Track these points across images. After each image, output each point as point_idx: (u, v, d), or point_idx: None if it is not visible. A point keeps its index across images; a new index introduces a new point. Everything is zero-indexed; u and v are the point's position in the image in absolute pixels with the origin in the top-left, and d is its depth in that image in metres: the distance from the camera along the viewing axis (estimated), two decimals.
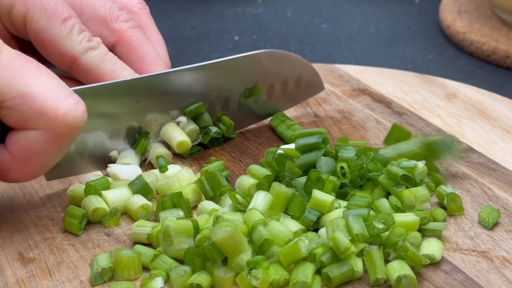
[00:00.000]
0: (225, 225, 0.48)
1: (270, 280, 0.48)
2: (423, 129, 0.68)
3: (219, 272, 0.49)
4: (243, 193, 0.56)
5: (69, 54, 0.59)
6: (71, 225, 0.54)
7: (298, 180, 0.56)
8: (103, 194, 0.56)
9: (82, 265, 0.51)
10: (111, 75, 0.60)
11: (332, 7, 1.08)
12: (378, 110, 0.72)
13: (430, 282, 0.50)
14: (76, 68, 0.59)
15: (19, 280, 0.50)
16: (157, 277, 0.49)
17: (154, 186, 0.58)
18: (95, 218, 0.55)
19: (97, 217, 0.55)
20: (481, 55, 0.89)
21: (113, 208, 0.55)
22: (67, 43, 0.58)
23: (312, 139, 0.58)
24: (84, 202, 0.56)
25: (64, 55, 0.59)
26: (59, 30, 0.58)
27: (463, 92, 0.75)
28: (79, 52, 0.59)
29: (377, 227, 0.50)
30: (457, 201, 0.56)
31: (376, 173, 0.56)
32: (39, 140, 0.49)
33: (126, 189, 0.57)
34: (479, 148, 0.65)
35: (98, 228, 0.55)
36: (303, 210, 0.53)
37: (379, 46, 0.95)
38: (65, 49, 0.58)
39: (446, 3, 1.00)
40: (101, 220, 0.55)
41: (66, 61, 0.59)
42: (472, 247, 0.53)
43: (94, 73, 0.60)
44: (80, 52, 0.59)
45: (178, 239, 0.50)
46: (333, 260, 0.49)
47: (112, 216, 0.55)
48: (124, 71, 0.60)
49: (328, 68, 0.80)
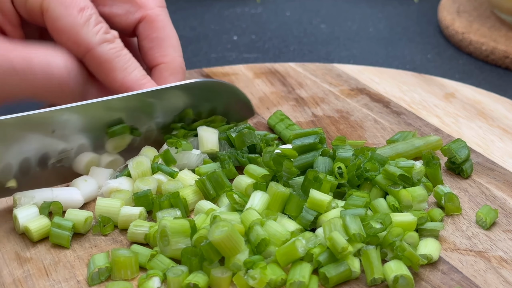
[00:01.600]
0: (222, 225, 0.48)
1: (267, 280, 0.48)
2: (421, 129, 0.68)
3: (216, 272, 0.49)
4: (241, 192, 0.56)
5: (84, 44, 0.59)
6: (59, 238, 0.53)
7: (295, 180, 0.56)
8: None
9: (79, 265, 0.51)
10: (122, 72, 0.60)
11: (331, 7, 1.08)
12: (376, 109, 0.72)
13: (428, 282, 0.50)
14: (90, 58, 0.59)
15: (16, 280, 0.50)
16: (154, 277, 0.49)
17: (154, 192, 0.58)
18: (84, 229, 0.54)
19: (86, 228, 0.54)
20: (480, 55, 0.89)
21: (103, 217, 0.54)
22: (83, 32, 0.59)
23: (308, 139, 0.58)
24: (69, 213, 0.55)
25: (79, 44, 0.59)
26: (76, 19, 0.58)
27: (462, 92, 0.75)
28: (95, 43, 0.59)
29: (374, 227, 0.50)
30: (455, 201, 0.56)
31: (373, 172, 0.56)
32: None
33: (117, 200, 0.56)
34: (477, 148, 0.65)
35: None
36: (300, 210, 0.53)
37: (378, 46, 0.95)
38: (80, 38, 0.59)
39: (445, 3, 1.00)
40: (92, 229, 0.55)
41: (80, 50, 0.59)
42: (469, 247, 0.53)
43: (106, 66, 0.60)
44: (96, 43, 0.59)
45: (175, 239, 0.50)
46: (330, 260, 0.49)
47: (103, 225, 0.54)
48: (135, 71, 0.60)
49: (327, 67, 0.80)
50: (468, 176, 0.61)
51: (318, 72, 0.79)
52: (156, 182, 0.58)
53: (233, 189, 0.57)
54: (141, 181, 0.57)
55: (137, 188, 0.57)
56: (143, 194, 0.56)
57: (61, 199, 0.56)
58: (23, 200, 0.55)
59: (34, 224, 0.53)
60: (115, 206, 0.55)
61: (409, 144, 0.62)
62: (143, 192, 0.56)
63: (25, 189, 0.57)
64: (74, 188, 0.57)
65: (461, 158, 0.60)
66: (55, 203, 0.55)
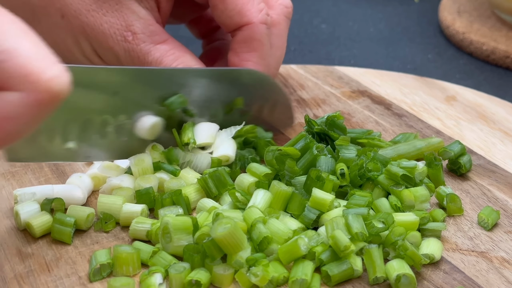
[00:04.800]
0: (225, 222, 0.48)
1: (269, 277, 0.48)
2: (423, 131, 0.68)
3: (218, 269, 0.49)
4: (243, 191, 0.55)
5: (248, 17, 0.61)
6: (61, 234, 0.53)
7: (298, 178, 0.56)
8: None
9: (81, 261, 0.51)
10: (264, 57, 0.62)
11: (331, 7, 1.08)
12: (378, 111, 0.72)
13: (430, 281, 0.50)
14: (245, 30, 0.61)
15: (17, 276, 0.50)
16: (156, 273, 0.49)
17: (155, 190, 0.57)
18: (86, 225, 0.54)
19: (88, 224, 0.54)
20: (481, 55, 0.89)
21: (104, 213, 0.54)
22: (249, 5, 0.61)
23: (300, 144, 0.58)
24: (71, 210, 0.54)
25: (243, 15, 0.61)
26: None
27: (463, 95, 0.75)
28: (258, 19, 0.61)
29: (376, 226, 0.50)
30: (457, 202, 0.56)
31: (376, 173, 0.56)
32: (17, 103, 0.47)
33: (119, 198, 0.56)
34: (478, 150, 0.65)
35: None
36: (302, 208, 0.53)
37: (378, 46, 0.95)
38: (246, 9, 0.61)
39: (446, 3, 1.00)
40: (93, 226, 0.55)
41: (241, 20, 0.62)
42: (471, 248, 0.53)
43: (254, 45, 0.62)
44: (258, 20, 0.61)
45: (177, 235, 0.50)
46: (332, 259, 0.49)
47: (105, 222, 0.54)
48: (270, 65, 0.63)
49: (328, 69, 0.80)
50: (467, 171, 0.61)
51: (320, 74, 0.79)
52: (158, 180, 0.57)
53: (235, 188, 0.57)
54: (142, 179, 0.57)
55: (138, 186, 0.57)
56: (145, 191, 0.56)
57: (62, 196, 0.56)
58: (24, 197, 0.55)
59: (36, 220, 0.53)
60: (117, 203, 0.55)
61: (411, 145, 0.62)
62: (145, 190, 0.56)
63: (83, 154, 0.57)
64: (75, 186, 0.57)
65: (454, 152, 0.60)
66: (57, 200, 0.55)
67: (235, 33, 0.63)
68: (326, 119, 0.60)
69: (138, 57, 0.62)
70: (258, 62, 0.63)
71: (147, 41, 0.61)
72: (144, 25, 0.62)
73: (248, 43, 0.62)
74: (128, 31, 0.61)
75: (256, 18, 0.61)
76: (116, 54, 0.62)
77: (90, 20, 0.61)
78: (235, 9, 0.61)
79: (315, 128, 0.60)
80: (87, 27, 0.62)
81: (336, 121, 0.60)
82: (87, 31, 0.62)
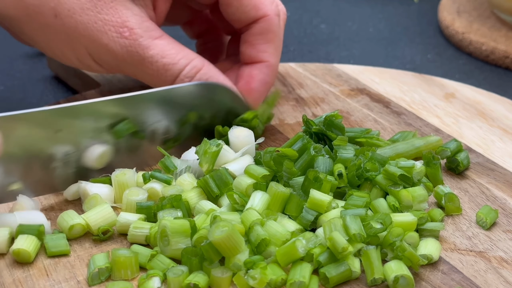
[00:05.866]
0: (222, 225, 0.48)
1: (268, 280, 0.48)
2: (421, 129, 0.68)
3: (216, 272, 0.49)
4: (241, 193, 0.55)
5: (264, 10, 0.63)
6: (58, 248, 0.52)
7: (295, 180, 0.56)
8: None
9: (79, 265, 0.51)
10: (277, 52, 0.65)
11: (331, 7, 1.08)
12: (377, 110, 0.71)
13: (428, 282, 0.50)
14: (261, 22, 0.64)
15: (16, 280, 0.50)
16: (154, 277, 0.49)
17: None
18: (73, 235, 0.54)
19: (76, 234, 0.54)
20: (480, 55, 0.89)
21: (101, 228, 0.53)
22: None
23: (297, 144, 0.58)
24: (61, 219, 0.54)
25: (258, 8, 0.63)
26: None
27: (462, 92, 0.75)
28: (273, 12, 0.64)
29: (374, 227, 0.50)
30: (455, 201, 0.56)
31: (374, 173, 0.56)
32: None
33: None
34: (477, 148, 0.65)
35: None
36: (300, 210, 0.53)
37: (378, 46, 0.95)
38: (260, 3, 0.63)
39: (445, 3, 1.00)
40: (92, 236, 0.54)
41: (257, 14, 0.63)
42: (469, 247, 0.53)
43: (268, 37, 0.64)
44: (273, 13, 0.64)
45: (175, 239, 0.50)
46: (330, 260, 0.49)
47: (103, 234, 0.53)
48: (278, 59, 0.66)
49: (327, 67, 0.80)
50: (466, 168, 0.61)
51: (318, 72, 0.79)
52: (146, 193, 0.56)
53: (233, 189, 0.57)
54: (131, 192, 0.56)
55: (126, 199, 0.55)
56: (146, 206, 0.55)
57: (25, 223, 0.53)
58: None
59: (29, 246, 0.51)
60: (110, 213, 0.54)
61: (409, 144, 0.62)
62: (146, 205, 0.55)
63: (30, 192, 0.56)
64: (38, 212, 0.55)
65: (450, 149, 0.60)
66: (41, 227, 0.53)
67: (250, 27, 0.65)
68: (324, 119, 0.60)
69: (137, 52, 0.61)
70: (273, 53, 0.66)
71: (145, 36, 0.61)
72: (139, 21, 0.61)
73: (264, 35, 0.64)
74: (124, 27, 0.61)
75: (271, 11, 0.64)
76: (111, 52, 0.61)
77: (84, 18, 0.61)
78: (250, 3, 0.63)
79: (313, 128, 0.60)
80: (81, 26, 0.61)
81: (334, 121, 0.60)
82: (81, 31, 0.61)
